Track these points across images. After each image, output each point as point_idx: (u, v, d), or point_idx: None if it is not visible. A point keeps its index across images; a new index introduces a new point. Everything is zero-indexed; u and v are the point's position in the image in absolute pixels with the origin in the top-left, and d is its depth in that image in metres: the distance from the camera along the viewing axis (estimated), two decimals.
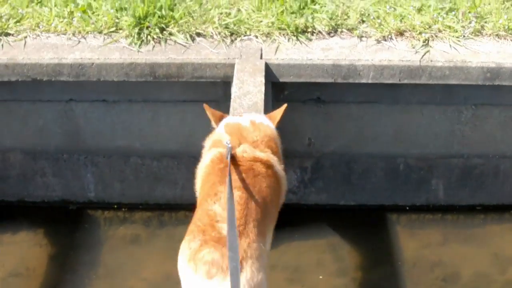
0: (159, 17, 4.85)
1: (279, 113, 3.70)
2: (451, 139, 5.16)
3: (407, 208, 5.50)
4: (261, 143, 3.40)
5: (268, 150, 3.39)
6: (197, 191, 3.57)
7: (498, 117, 5.06)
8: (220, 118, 3.62)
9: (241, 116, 3.77)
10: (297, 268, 5.09)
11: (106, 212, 5.48)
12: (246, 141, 3.38)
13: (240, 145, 3.35)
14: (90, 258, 5.16)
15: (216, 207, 3.10)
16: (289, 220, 5.37)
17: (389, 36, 4.86)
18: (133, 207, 5.49)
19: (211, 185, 3.23)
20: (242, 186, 3.11)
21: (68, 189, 5.43)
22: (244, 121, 3.54)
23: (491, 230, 5.42)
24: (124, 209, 5.49)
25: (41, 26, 4.91)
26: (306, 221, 5.41)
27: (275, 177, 3.36)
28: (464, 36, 4.86)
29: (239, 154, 3.29)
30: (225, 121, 3.68)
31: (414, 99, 4.97)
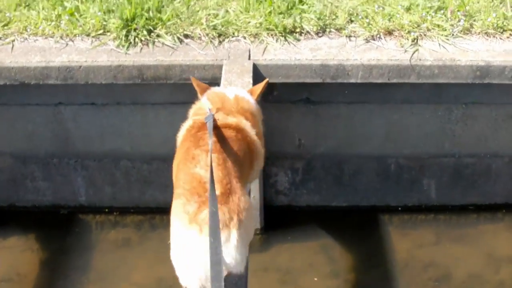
0: (146, 19, 4.84)
1: (259, 87, 3.90)
2: (442, 138, 5.15)
3: (399, 208, 5.50)
4: (235, 111, 3.59)
5: (240, 116, 3.56)
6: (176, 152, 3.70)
7: (489, 115, 5.04)
8: (205, 90, 3.79)
9: (225, 88, 4.01)
10: (290, 270, 5.08)
11: (97, 216, 5.48)
12: (223, 109, 3.56)
13: (216, 112, 3.52)
14: (82, 262, 5.14)
15: (199, 170, 3.21)
16: (281, 222, 5.38)
17: (378, 36, 4.84)
18: (124, 210, 5.48)
19: (185, 149, 3.35)
20: (216, 149, 3.24)
21: (59, 193, 5.42)
22: (229, 94, 3.73)
23: (483, 229, 5.42)
24: (115, 213, 5.49)
25: (29, 29, 4.90)
26: (298, 222, 5.42)
27: (245, 140, 3.50)
28: (453, 35, 4.84)
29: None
30: (208, 91, 3.87)
31: (404, 98, 4.95)
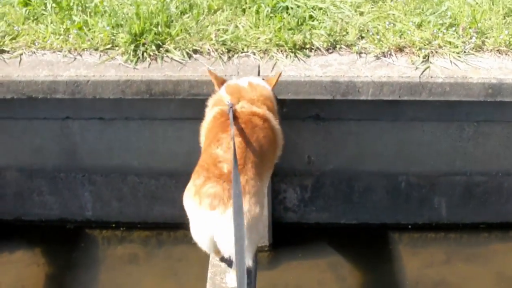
0: (155, 33, 4.80)
1: (275, 78, 4.12)
2: (453, 156, 5.08)
3: (409, 226, 5.44)
4: (257, 101, 3.82)
5: (264, 106, 3.80)
6: (201, 142, 3.99)
7: (500, 133, 4.98)
8: (222, 82, 3.99)
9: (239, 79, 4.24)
10: (298, 287, 5.04)
11: (104, 231, 5.45)
12: (244, 98, 3.80)
13: (239, 102, 3.76)
14: (88, 278, 5.12)
15: (218, 151, 3.48)
16: (290, 238, 5.33)
17: (389, 52, 4.78)
18: (131, 226, 5.45)
19: (214, 134, 3.61)
20: (241, 134, 3.51)
21: (66, 208, 5.39)
22: (242, 83, 3.96)
23: (495, 249, 5.36)
24: (122, 228, 5.46)
25: (37, 43, 4.87)
26: (306, 240, 5.37)
27: (270, 129, 3.76)
28: (464, 52, 4.78)
29: (238, 109, 3.70)
30: (226, 83, 4.11)
31: (415, 116, 4.89)
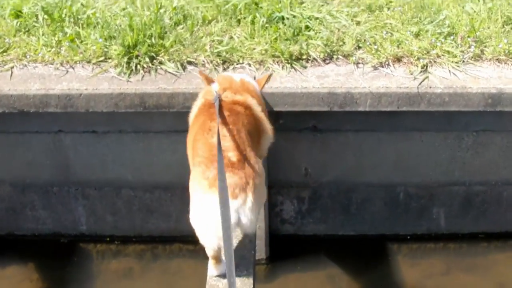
0: (149, 45, 4.72)
1: (264, 78, 4.16)
2: (452, 166, 5.02)
3: (408, 237, 5.37)
4: (241, 90, 3.87)
5: (247, 94, 3.84)
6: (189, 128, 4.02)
7: (500, 143, 4.92)
8: (212, 81, 4.00)
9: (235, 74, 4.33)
10: None
11: (98, 245, 5.38)
12: (231, 89, 3.85)
13: (224, 92, 3.82)
14: None
15: (215, 140, 3.48)
16: (287, 251, 5.27)
17: (386, 62, 4.71)
18: (126, 240, 5.38)
19: (202, 122, 3.66)
20: (228, 122, 3.56)
21: (59, 222, 5.31)
22: (235, 78, 4.04)
23: (494, 259, 5.32)
24: (116, 242, 5.38)
25: (28, 55, 4.78)
26: (304, 252, 5.31)
27: (253, 117, 3.78)
28: (463, 61, 4.72)
29: (223, 98, 3.76)
30: (218, 75, 4.28)
31: (414, 126, 4.83)
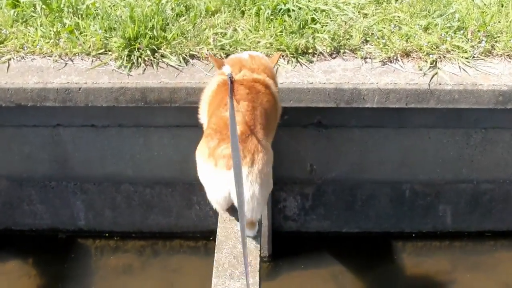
0: (150, 38, 4.58)
1: (276, 57, 4.16)
2: (460, 164, 4.92)
3: (413, 235, 5.28)
4: (257, 69, 3.87)
5: (264, 74, 3.86)
6: (203, 109, 4.00)
7: (509, 140, 4.82)
8: (222, 64, 3.98)
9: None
10: None
11: (97, 241, 5.30)
12: (245, 68, 3.86)
13: (240, 71, 3.84)
14: None
15: (227, 114, 3.52)
16: (290, 248, 5.18)
17: (395, 57, 4.59)
18: (126, 235, 5.29)
19: (220, 99, 3.71)
20: (247, 98, 3.62)
21: (57, 217, 5.22)
22: (243, 55, 4.01)
23: (501, 257, 5.28)
24: (116, 238, 5.30)
25: (26, 47, 4.65)
26: (307, 249, 5.25)
27: (272, 95, 3.81)
28: (473, 57, 4.59)
29: (240, 77, 3.78)
30: (229, 57, 4.20)
31: (421, 122, 4.72)
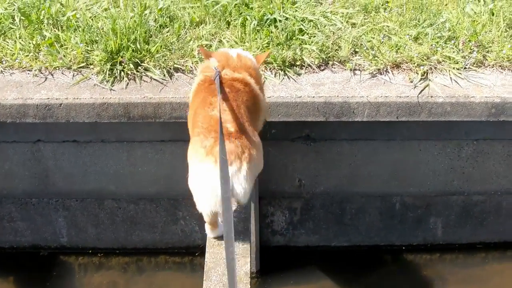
0: (133, 51, 4.44)
1: (263, 55, 4.12)
2: (450, 176, 4.82)
3: (403, 248, 5.17)
4: (239, 68, 3.87)
5: (245, 72, 3.86)
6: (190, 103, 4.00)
7: (501, 152, 4.73)
8: (210, 56, 3.98)
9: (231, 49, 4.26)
10: None
11: (80, 258, 5.15)
12: (229, 66, 3.86)
13: (223, 69, 3.84)
14: None
15: (216, 112, 3.56)
16: (278, 263, 5.07)
17: (385, 69, 4.48)
18: (109, 252, 5.14)
19: (202, 98, 3.71)
20: (229, 97, 3.64)
21: (38, 234, 5.08)
22: (231, 53, 3.99)
23: (492, 270, 5.18)
24: (99, 254, 5.14)
25: (4, 61, 4.50)
26: (296, 264, 5.12)
27: (252, 93, 3.81)
28: (465, 68, 4.49)
29: (223, 75, 3.79)
30: (218, 50, 4.24)
31: (412, 135, 4.62)
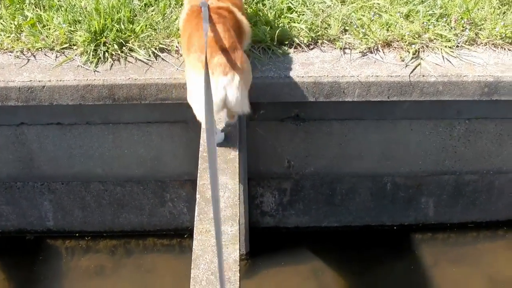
0: (117, 31, 4.32)
1: None
2: (442, 155, 4.76)
3: (395, 228, 5.12)
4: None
5: (229, 2, 4.03)
6: (182, 41, 4.08)
7: (493, 131, 4.65)
8: None
9: None
10: None
11: (67, 241, 5.09)
12: None
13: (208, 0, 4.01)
14: None
15: (209, 33, 3.69)
16: (267, 245, 5.02)
17: (375, 48, 4.38)
18: (97, 235, 5.08)
19: (196, 23, 3.83)
20: (219, 21, 3.79)
21: (24, 218, 4.99)
22: None
23: (484, 249, 5.17)
24: (86, 238, 5.08)
25: None
26: (286, 245, 5.07)
27: (236, 19, 3.99)
28: (457, 46, 4.40)
29: (209, 4, 3.90)
30: None
31: (403, 114, 4.53)
